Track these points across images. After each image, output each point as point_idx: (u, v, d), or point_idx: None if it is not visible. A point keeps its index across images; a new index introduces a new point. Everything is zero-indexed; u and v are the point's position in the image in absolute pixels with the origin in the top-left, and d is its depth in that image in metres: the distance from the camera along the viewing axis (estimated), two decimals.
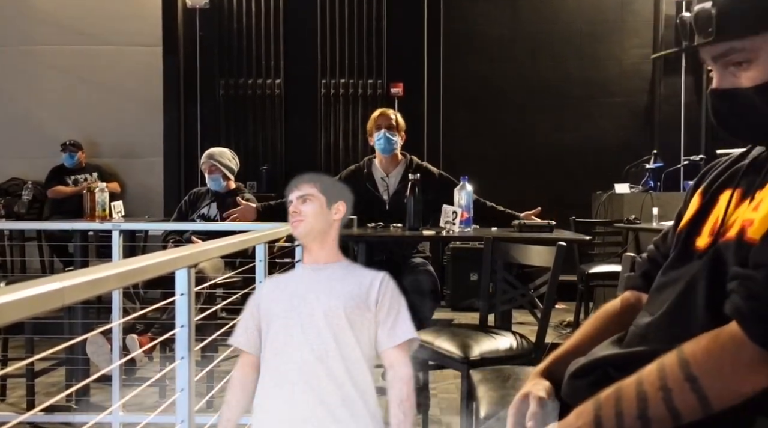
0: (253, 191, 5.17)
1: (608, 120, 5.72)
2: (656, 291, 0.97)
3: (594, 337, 1.04)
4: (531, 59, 5.77)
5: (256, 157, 5.69)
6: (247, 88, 5.75)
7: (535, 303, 2.13)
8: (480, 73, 5.79)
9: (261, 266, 2.15)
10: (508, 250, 2.26)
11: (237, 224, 2.86)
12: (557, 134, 5.71)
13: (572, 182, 5.52)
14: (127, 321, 2.61)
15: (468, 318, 4.57)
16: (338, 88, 5.73)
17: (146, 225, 3.51)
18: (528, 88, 5.74)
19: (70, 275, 0.80)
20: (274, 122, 5.79)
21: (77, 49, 5.66)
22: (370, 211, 2.91)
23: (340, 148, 5.74)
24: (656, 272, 1.00)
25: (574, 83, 5.72)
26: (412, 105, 5.55)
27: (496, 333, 2.06)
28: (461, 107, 5.78)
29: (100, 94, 5.64)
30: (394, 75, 5.66)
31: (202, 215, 3.44)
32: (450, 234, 2.65)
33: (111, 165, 5.59)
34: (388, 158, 3.04)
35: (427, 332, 2.08)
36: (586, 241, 2.69)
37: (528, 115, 5.74)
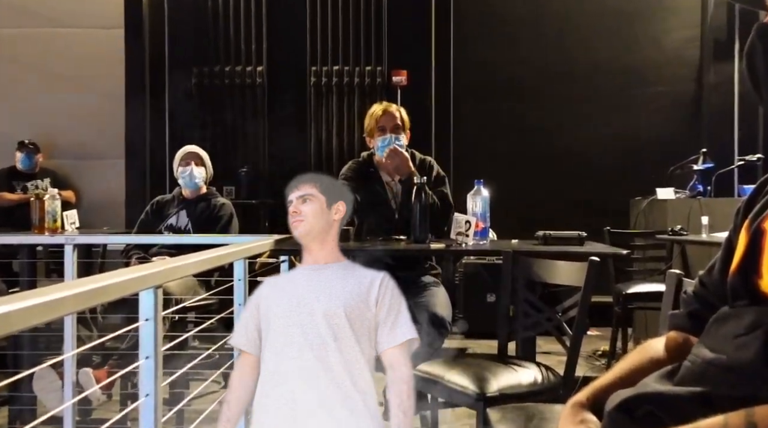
0: (231, 198, 5.18)
1: (648, 113, 5.74)
2: (717, 324, 0.98)
3: (639, 369, 1.05)
4: (556, 43, 5.80)
5: (234, 157, 5.71)
6: (224, 78, 5.78)
7: (563, 329, 2.13)
8: (496, 59, 5.81)
9: (240, 285, 2.15)
10: (532, 266, 2.25)
11: (211, 237, 2.87)
12: (588, 129, 5.73)
13: (606, 187, 5.52)
14: (81, 351, 2.60)
15: (484, 347, 4.56)
16: (331, 76, 5.75)
17: (105, 238, 3.52)
18: (553, 77, 5.76)
19: (14, 297, 0.80)
20: (256, 116, 5.81)
21: (24, 33, 5.69)
22: (378, 220, 2.91)
23: (333, 147, 5.76)
24: (705, 312, 1.03)
25: (608, 71, 5.75)
26: (418, 96, 5.57)
27: (517, 365, 2.06)
28: (474, 99, 5.80)
29: (51, 84, 5.66)
30: (396, 61, 5.69)
31: (170, 225, 3.44)
32: (463, 247, 2.65)
33: (64, 168, 5.60)
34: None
35: (436, 363, 2.08)
36: (624, 255, 2.69)
37: (553, 107, 5.76)
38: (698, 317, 1.05)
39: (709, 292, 1.06)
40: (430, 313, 2.61)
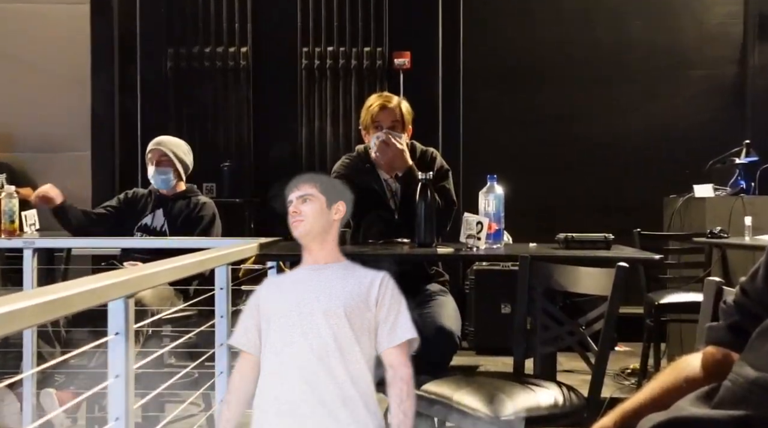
0: (212, 196, 5.18)
1: (684, 100, 5.74)
2: (762, 338, 0.98)
3: (673, 390, 1.05)
4: (580, 20, 5.81)
5: (216, 151, 5.71)
6: (204, 60, 5.78)
7: (587, 344, 2.13)
8: (512, 39, 5.82)
9: (222, 295, 2.16)
10: (552, 273, 2.25)
11: (190, 240, 2.88)
12: (615, 118, 5.74)
13: (636, 183, 5.53)
14: (43, 369, 2.60)
15: (498, 365, 4.56)
16: (324, 59, 5.76)
17: (69, 242, 3.52)
18: (576, 59, 5.77)
19: None
20: (240, 104, 5.81)
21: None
22: (376, 221, 2.91)
23: (327, 138, 5.76)
24: (748, 324, 1.03)
25: (638, 51, 5.75)
26: (423, 81, 5.58)
27: (535, 384, 2.06)
28: (487, 84, 5.81)
29: (6, 68, 5.65)
30: (398, 42, 5.69)
31: (145, 226, 3.45)
32: (474, 252, 2.65)
33: (22, 162, 5.60)
34: None
35: (443, 383, 2.07)
36: (656, 261, 2.69)
37: (576, 93, 5.76)
38: (740, 331, 1.05)
39: (752, 302, 1.06)
40: (437, 326, 2.62)
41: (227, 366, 2.22)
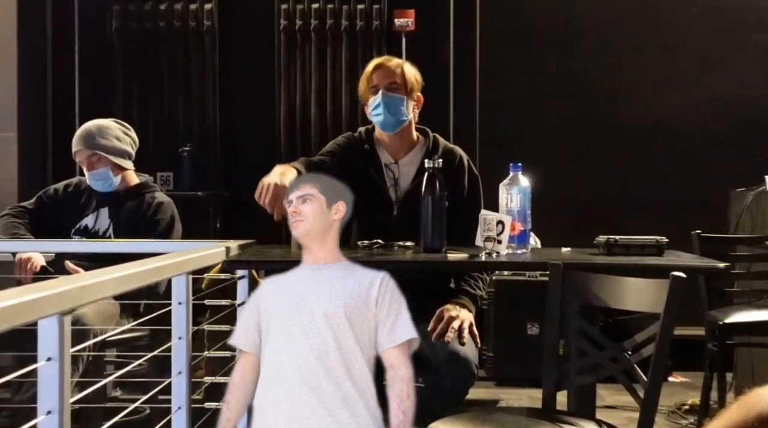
0: (168, 188, 5.18)
1: (757, 71, 5.75)
2: None
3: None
4: None
5: (173, 133, 5.72)
6: (158, 20, 5.79)
7: (634, 374, 2.13)
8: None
9: (181, 311, 2.15)
10: (590, 285, 2.26)
11: (140, 243, 2.87)
12: (669, 93, 5.75)
13: (695, 173, 5.54)
14: None
15: (524, 399, 4.57)
16: (308, 18, 5.76)
17: None
18: (622, 18, 5.78)
19: None
20: (204, 75, 5.81)
21: None
22: (370, 217, 2.89)
23: (311, 117, 5.76)
24: None
25: (700, 11, 5.75)
26: (430, 47, 5.58)
27: (570, 423, 2.06)
28: (509, 50, 5.82)
29: None
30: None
31: (84, 229, 3.45)
32: (493, 258, 2.65)
33: None
34: (395, 137, 3.04)
35: (457, 421, 2.08)
36: (720, 270, 2.69)
37: (619, 62, 5.77)
38: None
39: None
40: (449, 352, 2.62)
41: (186, 399, 2.22)
